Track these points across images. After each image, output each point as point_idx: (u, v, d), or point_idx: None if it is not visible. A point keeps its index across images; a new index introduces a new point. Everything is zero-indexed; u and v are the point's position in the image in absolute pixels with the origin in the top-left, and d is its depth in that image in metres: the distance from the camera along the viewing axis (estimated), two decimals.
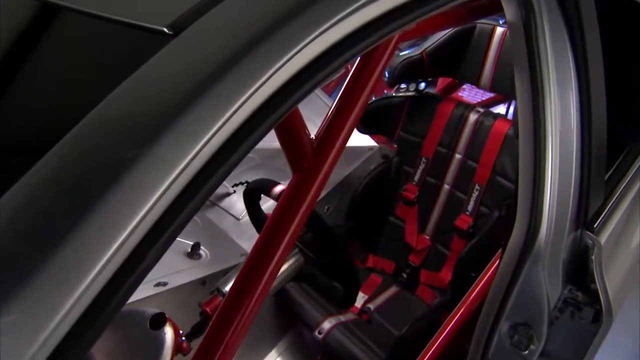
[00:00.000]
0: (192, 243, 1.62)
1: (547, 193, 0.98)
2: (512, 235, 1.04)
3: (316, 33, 0.50)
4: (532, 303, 1.00)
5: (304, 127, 0.81)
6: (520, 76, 0.95)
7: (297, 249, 1.20)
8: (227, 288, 1.09)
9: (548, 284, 1.00)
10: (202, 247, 1.63)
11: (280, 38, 0.49)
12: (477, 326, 1.08)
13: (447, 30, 1.76)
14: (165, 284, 1.44)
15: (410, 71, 1.79)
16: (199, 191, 0.45)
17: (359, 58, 0.83)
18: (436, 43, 1.77)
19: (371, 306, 1.90)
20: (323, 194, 1.97)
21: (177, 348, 1.03)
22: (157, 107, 0.45)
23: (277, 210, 0.82)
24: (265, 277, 0.82)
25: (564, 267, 1.03)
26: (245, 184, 1.95)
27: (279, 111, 0.49)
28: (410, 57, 1.77)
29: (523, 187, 1.00)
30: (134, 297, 0.89)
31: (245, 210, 1.31)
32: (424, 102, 1.93)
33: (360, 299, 1.93)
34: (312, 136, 0.83)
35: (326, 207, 1.99)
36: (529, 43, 0.89)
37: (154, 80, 0.48)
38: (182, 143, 0.43)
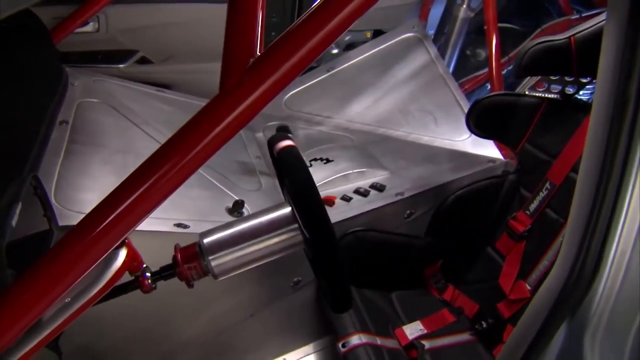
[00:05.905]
0: (237, 199, 1.51)
1: (621, 220, 0.57)
2: (547, 278, 0.65)
3: None
4: None
5: (252, 38, 0.65)
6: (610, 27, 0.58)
7: (297, 225, 1.00)
8: (207, 240, 0.97)
9: None
10: (246, 206, 1.51)
11: None
12: None
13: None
14: (186, 226, 1.37)
15: (547, 61, 1.33)
16: None
17: None
18: (593, 27, 1.28)
19: (426, 344, 1.52)
20: (407, 195, 1.65)
21: (138, 282, 0.96)
22: None
23: (178, 132, 0.67)
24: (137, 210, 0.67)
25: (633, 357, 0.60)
26: (326, 162, 1.77)
27: None
28: (551, 41, 1.32)
29: (579, 205, 0.61)
30: (146, 227, 0.82)
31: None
32: (567, 110, 1.45)
33: (416, 330, 1.57)
34: (258, 53, 0.65)
35: (408, 211, 1.67)
36: None
37: None
38: None
